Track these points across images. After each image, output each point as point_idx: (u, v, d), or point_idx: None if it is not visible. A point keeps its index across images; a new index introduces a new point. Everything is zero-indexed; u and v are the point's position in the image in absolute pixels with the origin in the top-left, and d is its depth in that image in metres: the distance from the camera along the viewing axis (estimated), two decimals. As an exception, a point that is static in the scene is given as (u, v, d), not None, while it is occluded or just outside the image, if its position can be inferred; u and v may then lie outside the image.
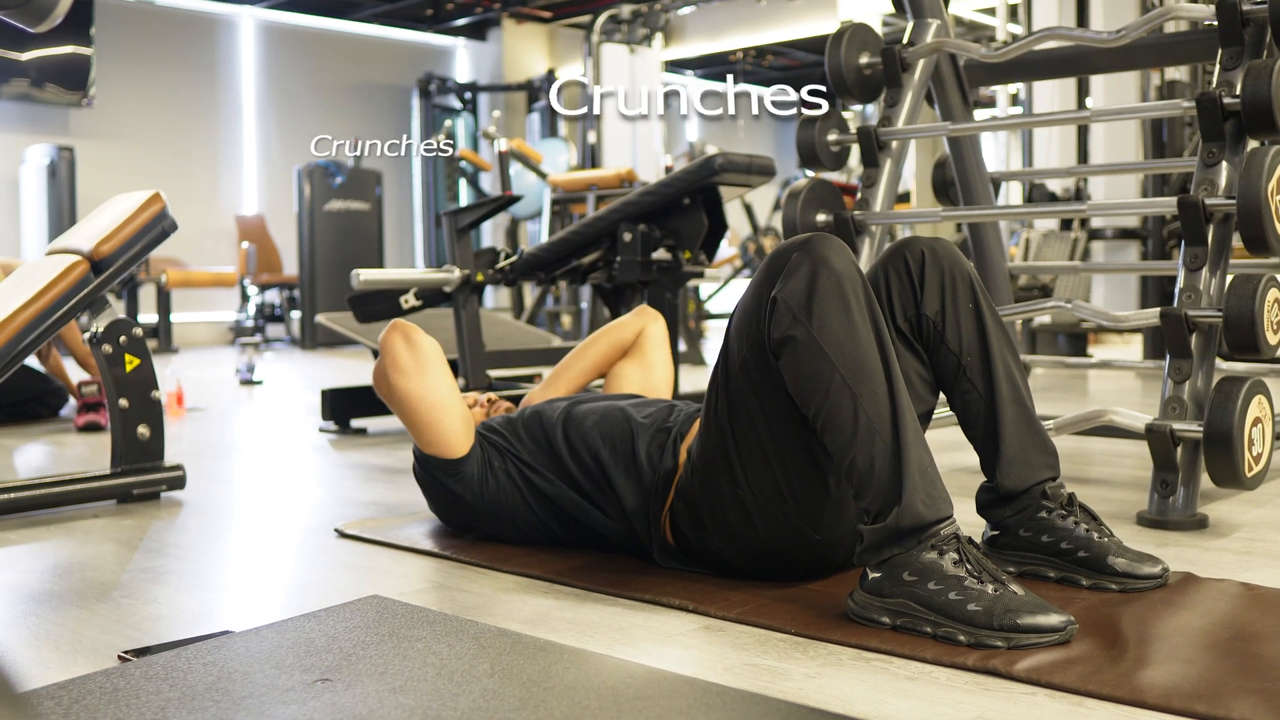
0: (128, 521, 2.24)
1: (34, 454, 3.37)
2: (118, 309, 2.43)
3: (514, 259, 3.51)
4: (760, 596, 1.54)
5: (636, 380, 2.14)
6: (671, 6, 9.67)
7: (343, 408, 3.61)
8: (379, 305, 3.46)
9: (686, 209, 3.44)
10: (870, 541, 1.40)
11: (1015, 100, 8.16)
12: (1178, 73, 5.70)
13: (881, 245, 2.65)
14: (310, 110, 10.35)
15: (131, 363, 2.40)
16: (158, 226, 2.47)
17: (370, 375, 1.94)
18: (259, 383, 5.46)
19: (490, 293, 8.59)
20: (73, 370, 4.37)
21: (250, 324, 8.89)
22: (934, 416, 1.92)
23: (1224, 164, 2.14)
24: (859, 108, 7.81)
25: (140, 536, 2.11)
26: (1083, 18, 6.50)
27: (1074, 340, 5.88)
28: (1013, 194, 7.28)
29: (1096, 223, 6.10)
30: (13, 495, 2.25)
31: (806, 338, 1.43)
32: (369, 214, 8.87)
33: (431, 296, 3.45)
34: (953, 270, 1.67)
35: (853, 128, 2.77)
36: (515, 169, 7.43)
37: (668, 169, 8.49)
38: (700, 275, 3.60)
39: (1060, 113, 6.11)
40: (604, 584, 1.63)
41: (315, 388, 4.08)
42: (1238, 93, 2.12)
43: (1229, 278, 2.06)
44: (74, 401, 3.97)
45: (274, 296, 9.26)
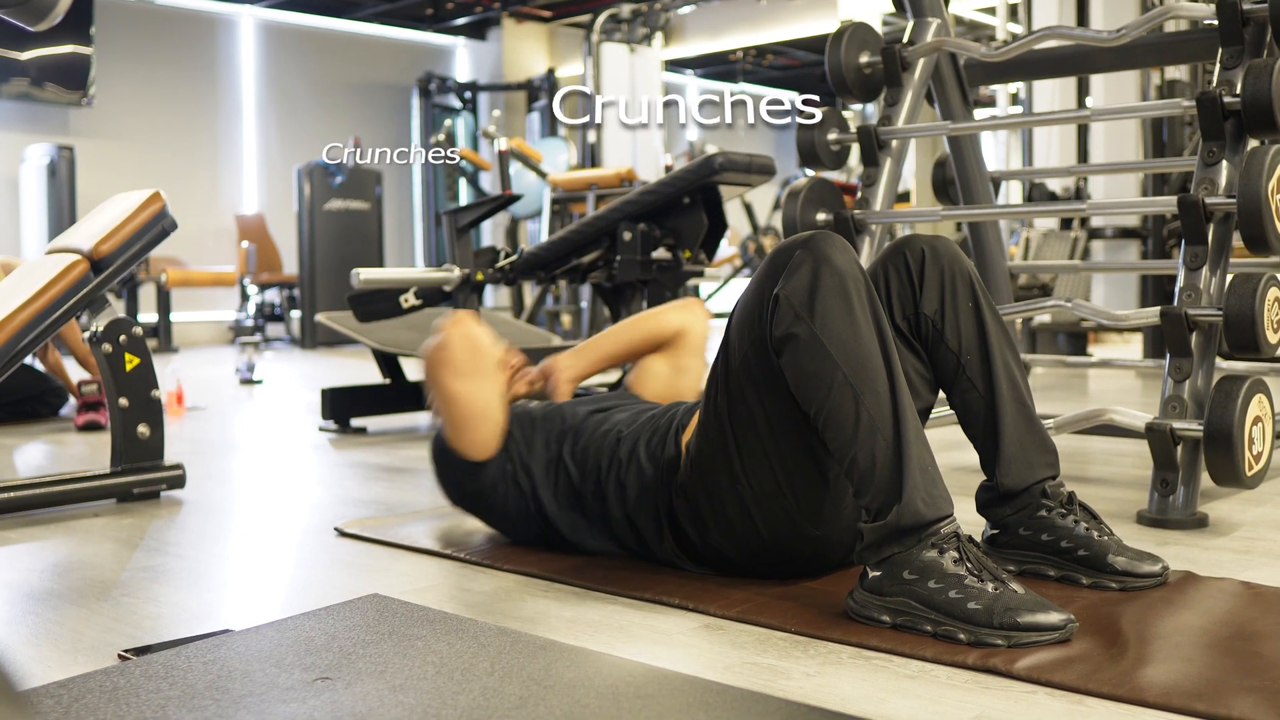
0: (128, 520, 2.24)
1: (34, 453, 3.37)
2: (117, 308, 2.42)
3: (514, 258, 3.51)
4: (760, 595, 1.54)
5: (663, 381, 2.02)
6: (671, 6, 9.66)
7: (343, 407, 3.61)
8: (379, 304, 3.46)
9: (686, 208, 3.44)
10: (870, 540, 1.40)
11: (1015, 99, 8.16)
12: (1178, 72, 5.70)
13: (881, 244, 2.65)
14: (310, 110, 10.36)
15: (131, 362, 2.40)
16: (157, 225, 2.47)
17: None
18: (259, 382, 5.46)
19: (490, 292, 8.59)
20: (73, 369, 4.37)
21: (250, 323, 8.89)
22: (933, 415, 1.92)
23: (1224, 163, 2.14)
24: (859, 107, 7.81)
25: (140, 535, 2.11)
26: (1083, 17, 6.50)
27: (1074, 339, 5.88)
28: (1013, 193, 7.27)
29: (1096, 222, 6.10)
30: (13, 494, 2.25)
31: (809, 335, 1.43)
32: (369, 213, 8.87)
33: (431, 296, 3.45)
34: (953, 269, 1.66)
35: (853, 127, 2.77)
36: (515, 168, 7.42)
37: (668, 168, 8.48)
38: (700, 274, 3.60)
39: (1060, 112, 6.11)
40: (604, 582, 1.63)
41: (315, 387, 4.08)
42: (1238, 92, 2.12)
43: (1229, 277, 2.06)
44: (74, 400, 3.97)
45: (274, 296, 9.26)
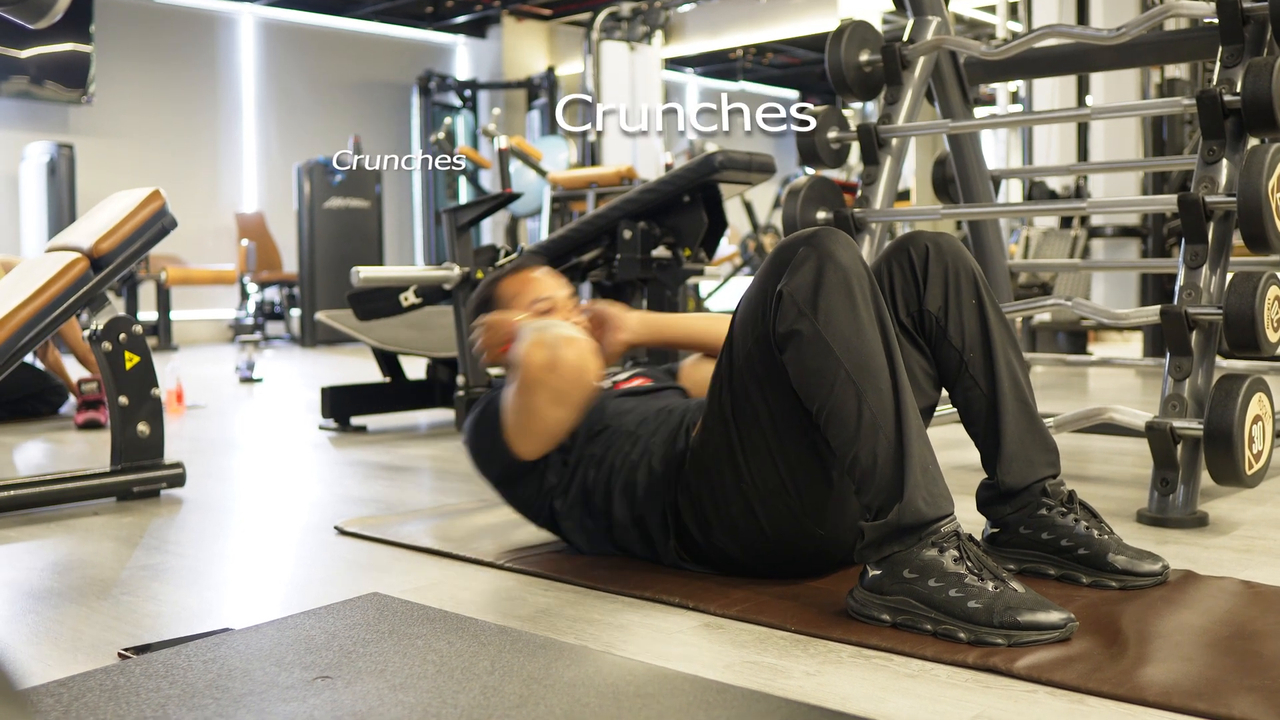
0: (127, 519, 2.23)
1: (34, 451, 3.37)
2: (117, 306, 2.43)
3: (514, 256, 3.51)
4: (760, 594, 1.54)
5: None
6: (671, 4, 9.66)
7: (343, 405, 3.60)
8: (379, 303, 3.46)
9: (686, 206, 3.44)
10: (871, 538, 1.40)
11: (1015, 98, 8.15)
12: (1178, 70, 5.69)
13: (881, 243, 2.65)
14: (310, 108, 10.36)
15: (131, 360, 2.40)
16: (157, 224, 2.47)
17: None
18: (259, 380, 5.46)
19: (490, 290, 8.56)
20: (72, 368, 4.37)
21: (250, 321, 8.89)
22: (935, 414, 1.92)
23: (1224, 161, 2.14)
24: (859, 105, 7.80)
25: (140, 534, 2.11)
26: (1083, 15, 6.50)
27: (1074, 338, 5.88)
28: (1013, 192, 7.27)
29: (1096, 220, 6.10)
30: (13, 493, 2.25)
31: (812, 332, 1.43)
32: (369, 211, 8.87)
33: (431, 294, 3.45)
34: (956, 265, 1.66)
35: (853, 125, 2.77)
36: (515, 166, 7.42)
37: (668, 166, 8.48)
38: (700, 273, 3.60)
39: (1060, 110, 6.10)
40: (604, 581, 1.63)
41: (315, 385, 4.08)
42: (1238, 90, 2.12)
43: (1229, 275, 2.06)
44: (74, 399, 3.97)
45: (274, 294, 9.26)
